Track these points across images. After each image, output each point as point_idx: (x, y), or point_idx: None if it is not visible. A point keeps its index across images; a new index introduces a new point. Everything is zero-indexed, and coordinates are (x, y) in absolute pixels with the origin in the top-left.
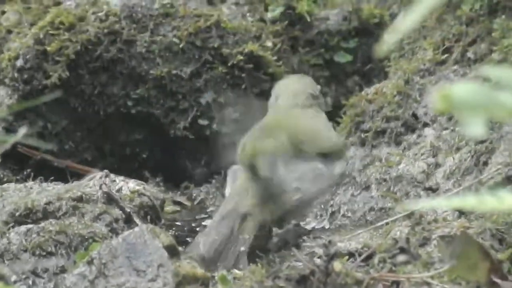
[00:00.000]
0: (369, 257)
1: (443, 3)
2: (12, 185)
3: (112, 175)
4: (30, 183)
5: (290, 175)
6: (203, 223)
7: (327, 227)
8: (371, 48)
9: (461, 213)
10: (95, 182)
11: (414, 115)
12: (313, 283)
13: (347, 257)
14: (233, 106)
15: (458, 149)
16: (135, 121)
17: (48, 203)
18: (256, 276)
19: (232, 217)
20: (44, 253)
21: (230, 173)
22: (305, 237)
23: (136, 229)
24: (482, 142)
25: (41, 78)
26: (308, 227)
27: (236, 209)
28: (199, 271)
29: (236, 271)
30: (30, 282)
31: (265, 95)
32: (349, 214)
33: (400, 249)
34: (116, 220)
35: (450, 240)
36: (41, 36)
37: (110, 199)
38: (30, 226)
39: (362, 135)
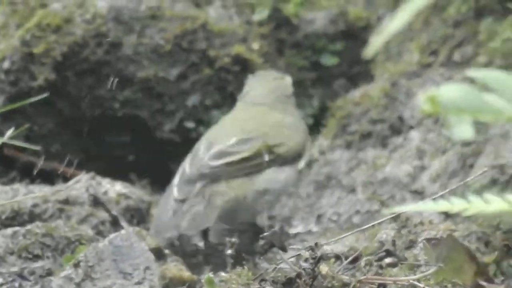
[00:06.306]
0: (356, 259)
1: (430, 6)
2: None
3: (98, 178)
4: (16, 185)
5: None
6: None
7: (313, 230)
8: (358, 51)
9: (447, 215)
10: (81, 184)
11: (400, 118)
12: (300, 285)
13: (333, 259)
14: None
15: (444, 151)
16: (122, 123)
17: (35, 205)
18: (242, 278)
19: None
20: (31, 256)
21: None
22: (291, 240)
23: (123, 231)
24: (468, 144)
25: (27, 80)
26: (295, 230)
27: None
28: (186, 273)
29: (223, 273)
30: (17, 285)
31: None
32: (335, 217)
33: (386, 252)
34: (103, 223)
35: (436, 242)
36: (28, 38)
37: (96, 202)
38: (16, 228)
39: (348, 138)
